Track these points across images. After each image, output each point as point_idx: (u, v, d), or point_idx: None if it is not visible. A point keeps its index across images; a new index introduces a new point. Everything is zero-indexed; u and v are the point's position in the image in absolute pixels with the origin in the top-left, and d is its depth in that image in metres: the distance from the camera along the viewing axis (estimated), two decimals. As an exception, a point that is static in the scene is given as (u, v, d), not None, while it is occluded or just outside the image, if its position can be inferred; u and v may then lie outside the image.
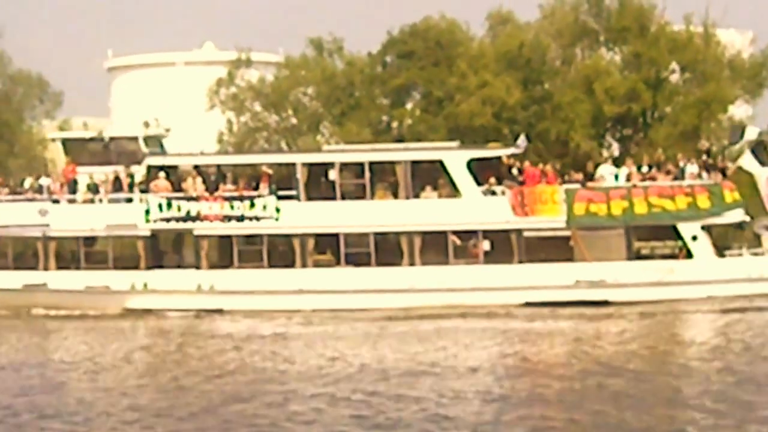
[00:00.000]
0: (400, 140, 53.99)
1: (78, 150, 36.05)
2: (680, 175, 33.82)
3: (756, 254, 33.25)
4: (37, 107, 66.39)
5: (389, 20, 71.09)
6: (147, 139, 35.95)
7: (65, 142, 36.63)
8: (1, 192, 36.19)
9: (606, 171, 34.55)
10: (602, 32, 53.00)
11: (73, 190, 35.17)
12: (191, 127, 67.81)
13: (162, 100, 74.66)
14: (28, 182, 37.28)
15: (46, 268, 34.15)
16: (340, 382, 22.50)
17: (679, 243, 32.93)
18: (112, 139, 36.03)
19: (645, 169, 34.68)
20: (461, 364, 24.38)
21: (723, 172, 33.99)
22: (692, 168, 34.18)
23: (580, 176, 34.57)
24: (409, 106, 55.14)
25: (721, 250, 33.16)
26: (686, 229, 32.84)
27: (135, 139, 35.70)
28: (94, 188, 35.10)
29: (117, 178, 34.87)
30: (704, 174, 33.89)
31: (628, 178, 33.90)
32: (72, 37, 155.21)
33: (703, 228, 32.93)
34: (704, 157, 35.37)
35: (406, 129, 54.35)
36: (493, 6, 56.05)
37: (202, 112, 57.90)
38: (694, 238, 32.81)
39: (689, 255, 32.85)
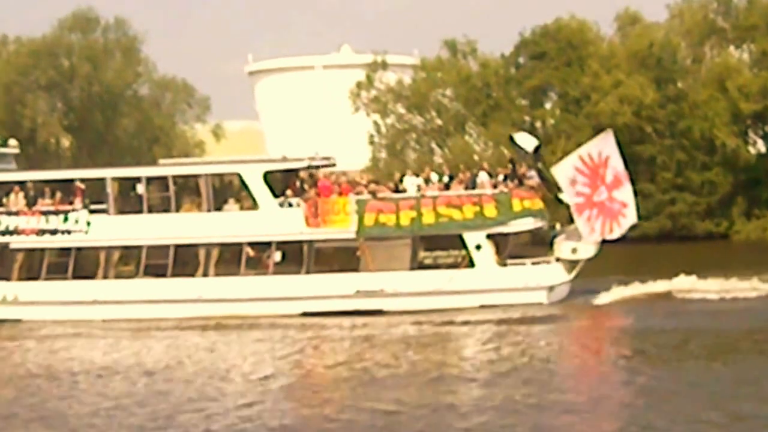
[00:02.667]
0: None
1: None
2: (471, 184, 33.97)
3: (541, 263, 33.13)
4: (187, 112, 70.54)
5: (519, 21, 73.73)
6: None
7: None
8: None
9: (409, 182, 34.82)
10: (730, 30, 54.16)
11: None
12: (338, 130, 70.89)
13: (306, 103, 78.43)
14: None
15: None
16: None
17: (463, 252, 33.07)
18: None
19: (446, 178, 34.93)
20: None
21: (521, 180, 33.94)
22: (483, 177, 34.24)
23: (387, 187, 34.75)
24: (548, 105, 57.15)
25: (505, 260, 33.08)
26: (471, 238, 32.93)
27: None
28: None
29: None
30: (500, 183, 33.96)
31: (419, 189, 34.15)
32: (210, 42, 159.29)
33: (488, 237, 33.00)
34: (509, 165, 35.44)
35: (551, 128, 56.12)
36: (620, 6, 57.67)
37: (347, 114, 60.36)
38: (478, 247, 32.86)
39: (471, 264, 32.92)
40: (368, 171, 62.22)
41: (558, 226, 34.98)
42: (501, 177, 34.28)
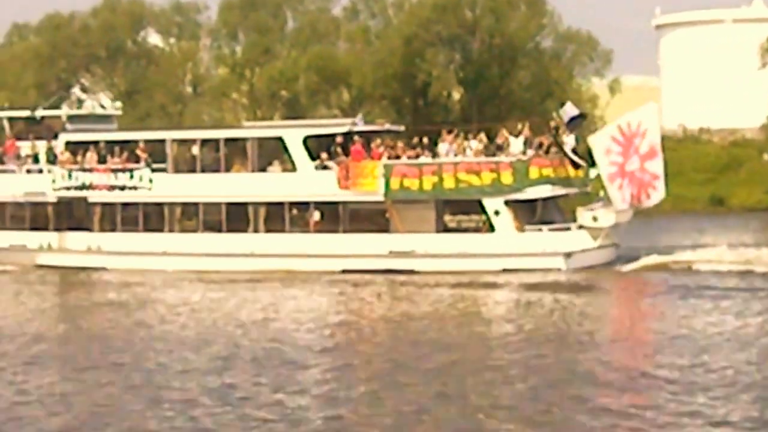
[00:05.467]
0: None
1: (20, 126, 41.79)
2: (492, 150, 35.43)
3: (556, 230, 34.55)
4: (587, 65, 69.59)
5: None
6: (72, 117, 41.07)
7: (11, 119, 42.30)
8: None
9: (442, 148, 36.44)
10: None
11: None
12: (739, 87, 71.50)
13: (710, 58, 78.32)
14: None
15: None
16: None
17: (484, 217, 34.89)
18: (43, 117, 41.53)
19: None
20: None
21: (548, 149, 35.08)
22: (517, 143, 35.49)
23: (415, 152, 36.44)
24: None
25: (523, 225, 34.71)
26: (490, 204, 34.65)
27: (59, 117, 41.05)
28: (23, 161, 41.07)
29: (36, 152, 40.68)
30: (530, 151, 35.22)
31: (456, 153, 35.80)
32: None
33: (506, 203, 34.63)
34: (553, 132, 36.26)
35: None
36: None
37: (752, 71, 61.39)
38: (497, 212, 34.56)
39: (492, 229, 34.75)
40: (764, 129, 61.08)
41: (601, 194, 35.76)
42: (537, 143, 35.45)
